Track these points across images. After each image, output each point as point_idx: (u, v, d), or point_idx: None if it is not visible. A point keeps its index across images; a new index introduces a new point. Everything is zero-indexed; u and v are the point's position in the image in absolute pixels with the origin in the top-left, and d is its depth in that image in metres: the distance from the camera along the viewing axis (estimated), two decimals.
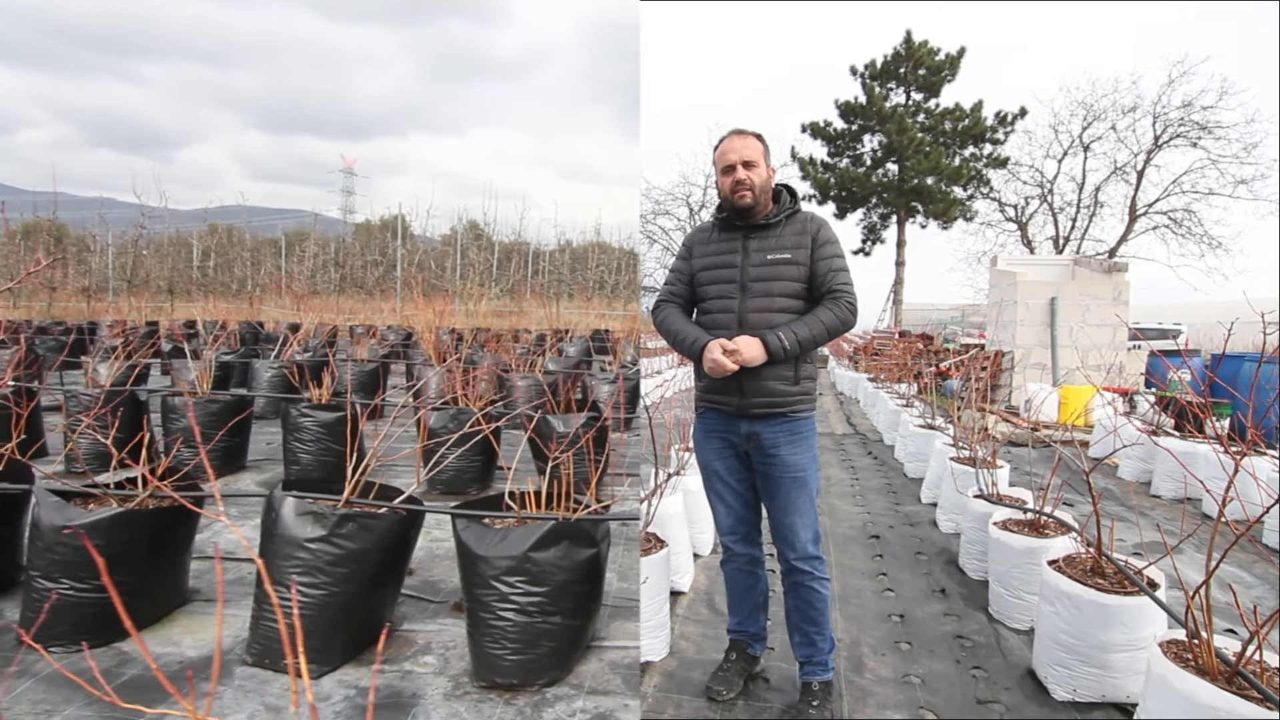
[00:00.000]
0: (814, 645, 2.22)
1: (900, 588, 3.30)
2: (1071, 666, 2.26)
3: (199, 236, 23.20)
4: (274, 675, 2.18)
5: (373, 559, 2.26)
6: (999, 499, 3.37)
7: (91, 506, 2.36)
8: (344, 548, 2.20)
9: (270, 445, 5.35)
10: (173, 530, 2.50)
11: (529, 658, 2.15)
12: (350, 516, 2.23)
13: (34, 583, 2.27)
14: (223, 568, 2.92)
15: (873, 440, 7.57)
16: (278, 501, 2.25)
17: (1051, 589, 2.31)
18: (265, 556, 2.21)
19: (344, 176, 47.74)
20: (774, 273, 2.12)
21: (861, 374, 11.67)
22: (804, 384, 2.14)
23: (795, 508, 2.14)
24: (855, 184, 27.22)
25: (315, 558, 2.18)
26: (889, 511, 4.66)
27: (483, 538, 2.19)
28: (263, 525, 2.29)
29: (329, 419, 4.12)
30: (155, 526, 2.41)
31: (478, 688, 2.19)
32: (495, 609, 2.14)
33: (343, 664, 2.25)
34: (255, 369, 6.39)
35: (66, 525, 2.20)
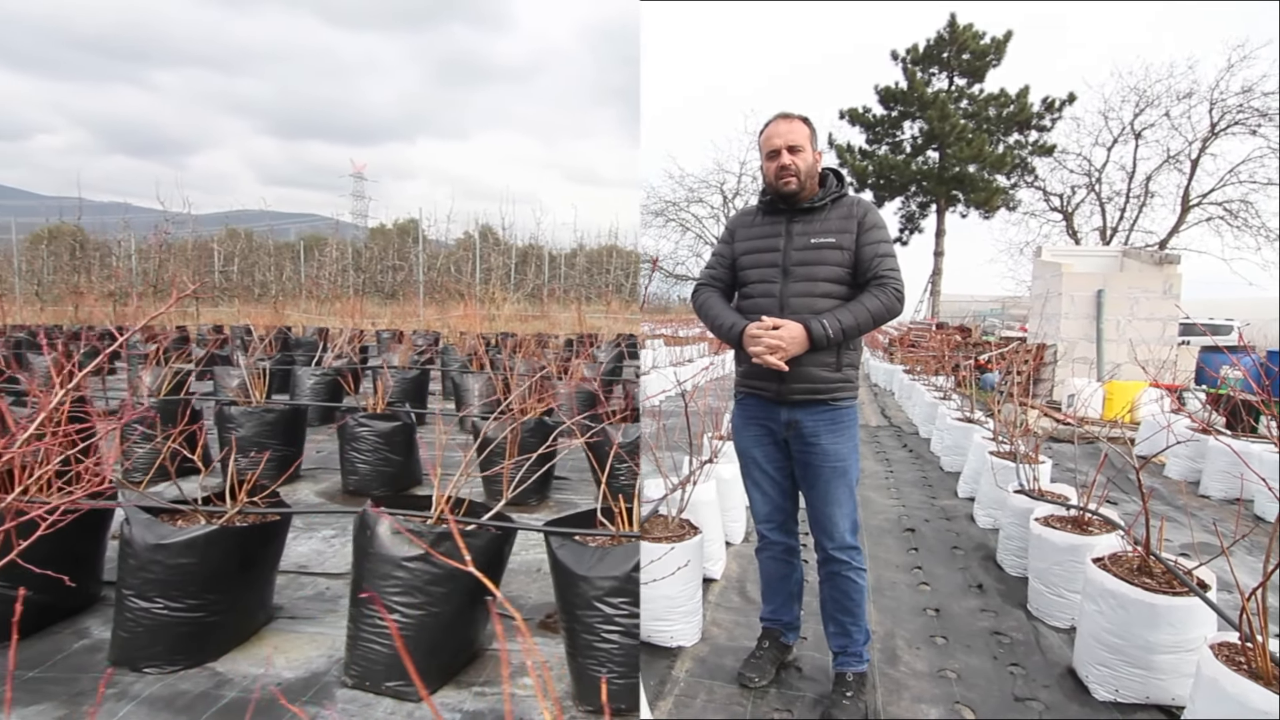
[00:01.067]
0: (849, 636, 2.20)
1: (936, 582, 3.26)
2: (1114, 666, 2.21)
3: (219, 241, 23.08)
4: (375, 698, 2.08)
5: (470, 577, 2.12)
6: (1041, 495, 3.29)
7: (180, 523, 2.29)
8: (442, 566, 2.09)
9: (320, 454, 5.17)
10: (264, 546, 2.41)
11: (635, 681, 2.03)
12: (448, 534, 2.13)
13: (127, 602, 2.17)
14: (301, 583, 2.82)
15: (908, 433, 7.46)
16: (373, 520, 2.15)
17: (1096, 587, 2.26)
18: (361, 575, 2.14)
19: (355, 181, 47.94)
20: (817, 257, 2.09)
21: (897, 365, 11.49)
22: (846, 371, 2.11)
23: (834, 497, 2.12)
24: (894, 172, 26.69)
25: (414, 577, 2.09)
26: (924, 505, 4.59)
27: (581, 557, 2.08)
28: (356, 543, 2.20)
29: (385, 428, 4.05)
30: (247, 543, 2.31)
31: (583, 712, 2.06)
32: (599, 631, 2.01)
33: (441, 687, 2.16)
34: (298, 376, 6.28)
35: (161, 542, 2.13)
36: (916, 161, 26.92)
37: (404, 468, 4.17)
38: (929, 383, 8.15)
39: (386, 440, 4.06)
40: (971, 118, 25.91)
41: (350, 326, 8.44)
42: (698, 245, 32.34)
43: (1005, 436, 4.22)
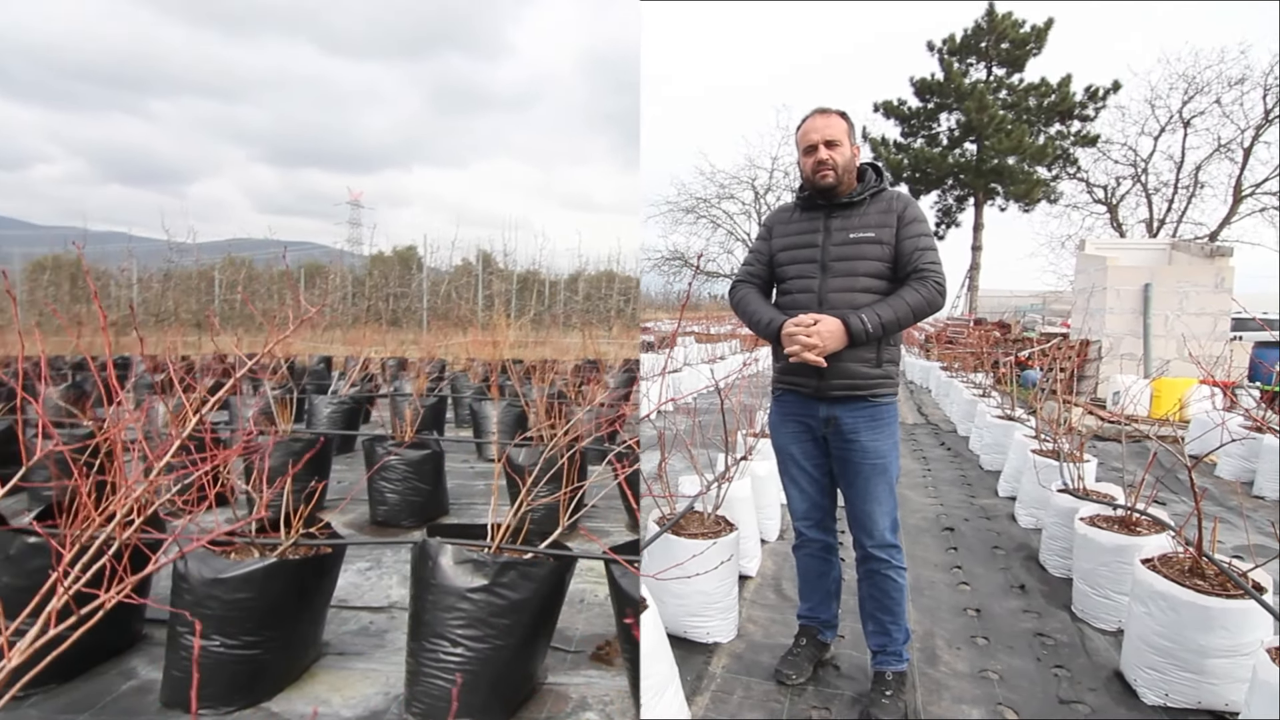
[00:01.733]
0: (888, 635, 2.18)
1: (976, 582, 3.21)
2: (1164, 670, 2.15)
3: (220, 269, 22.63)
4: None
5: (532, 608, 2.08)
6: (1086, 494, 3.22)
7: (233, 555, 2.20)
8: (506, 597, 2.03)
9: (341, 484, 4.97)
10: (319, 579, 2.32)
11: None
12: (512, 564, 2.06)
13: (182, 639, 2.07)
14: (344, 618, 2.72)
15: (945, 430, 7.34)
16: (434, 550, 2.08)
17: (1145, 589, 2.20)
18: (422, 608, 2.07)
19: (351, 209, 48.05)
20: (856, 252, 2.07)
21: (933, 362, 11.30)
22: (886, 367, 2.09)
23: (874, 495, 2.10)
24: (930, 165, 26.19)
25: (478, 609, 2.01)
26: (963, 504, 4.52)
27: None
28: (416, 575, 2.12)
29: (415, 457, 3.95)
30: (303, 576, 2.21)
31: None
32: None
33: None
34: (315, 404, 6.07)
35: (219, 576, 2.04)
36: (953, 154, 26.37)
37: (432, 497, 4.10)
38: (967, 380, 8.00)
39: (416, 469, 3.97)
40: (1011, 108, 25.29)
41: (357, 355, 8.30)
42: (729, 242, 32.18)
43: (1048, 434, 4.13)
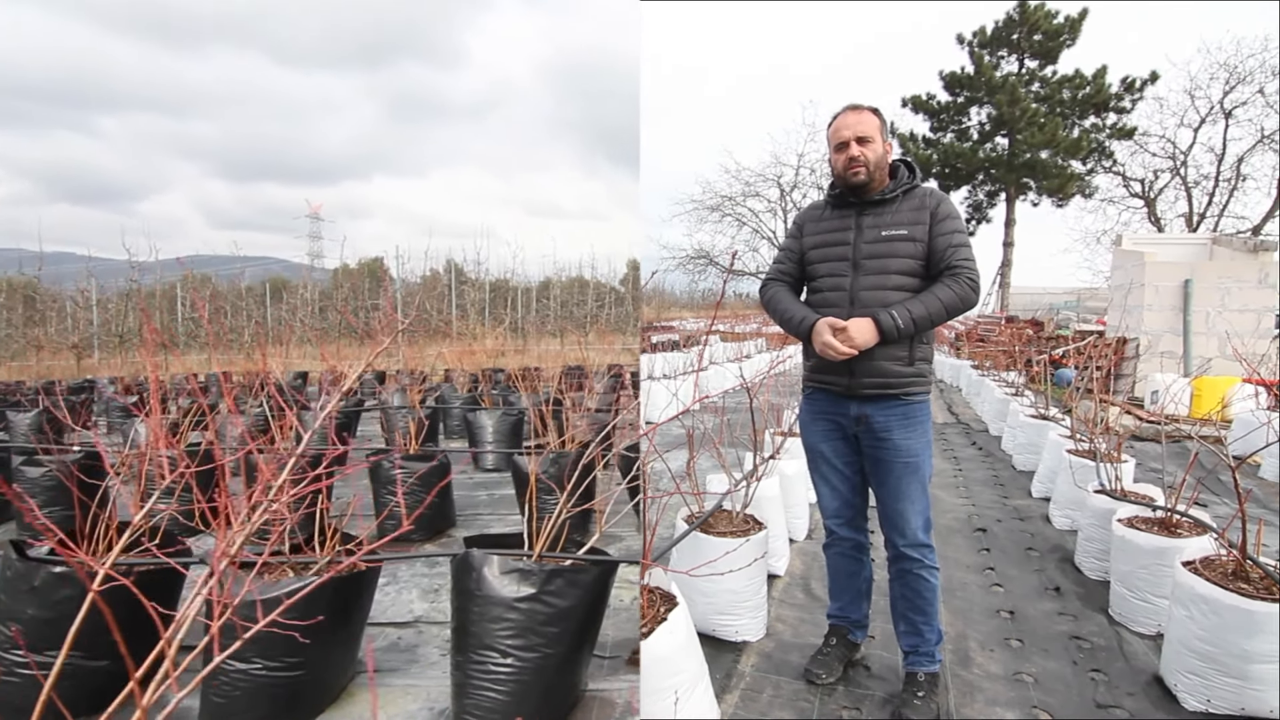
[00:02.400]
0: (920, 635, 2.17)
1: (1009, 583, 3.16)
2: (1206, 675, 2.11)
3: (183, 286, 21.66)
4: None
5: (578, 615, 2.05)
6: (1124, 495, 3.15)
7: (268, 577, 2.13)
8: (554, 605, 1.99)
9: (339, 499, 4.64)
10: (358, 596, 2.26)
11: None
12: (558, 572, 2.01)
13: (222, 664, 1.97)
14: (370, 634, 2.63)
15: (976, 430, 7.22)
16: (478, 560, 2.04)
17: (1186, 592, 2.15)
18: (467, 620, 2.04)
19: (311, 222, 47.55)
20: (889, 249, 2.05)
21: (964, 360, 11.13)
22: (919, 365, 2.08)
23: (907, 494, 2.08)
24: (960, 160, 25.75)
25: (527, 619, 1.98)
26: (996, 504, 4.45)
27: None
28: (458, 587, 2.09)
29: (423, 469, 3.89)
30: (344, 593, 2.15)
31: None
32: None
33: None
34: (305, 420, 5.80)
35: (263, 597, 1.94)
36: (984, 149, 25.90)
37: (439, 510, 4.01)
38: (999, 378, 7.87)
39: (423, 482, 3.90)
40: (1044, 101, 24.75)
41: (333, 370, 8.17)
42: (754, 240, 32.00)
43: (1084, 434, 4.05)
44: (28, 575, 2.02)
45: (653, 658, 1.76)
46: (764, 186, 31.47)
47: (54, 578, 2.03)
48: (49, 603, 2.03)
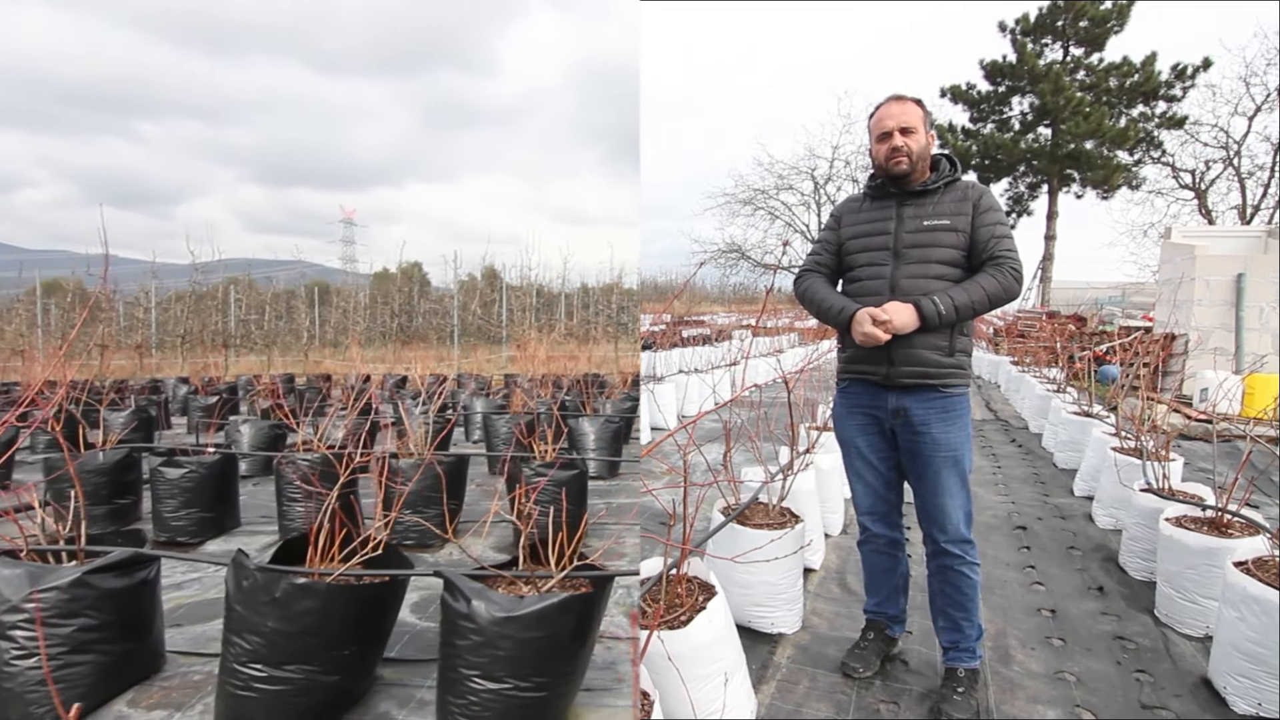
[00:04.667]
0: (960, 631, 2.15)
1: (1051, 582, 3.11)
2: (1257, 678, 2.06)
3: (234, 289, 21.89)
4: None
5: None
6: (1172, 494, 3.08)
7: (502, 590, 2.03)
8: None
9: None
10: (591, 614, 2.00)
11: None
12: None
13: (469, 683, 1.88)
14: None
15: (1016, 427, 7.09)
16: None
17: (1238, 593, 2.10)
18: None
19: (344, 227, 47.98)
20: (931, 239, 2.04)
21: (1003, 356, 10.91)
22: (959, 357, 2.06)
23: (947, 488, 2.07)
24: (1001, 151, 25.15)
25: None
26: (1036, 502, 4.37)
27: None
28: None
29: (564, 477, 3.78)
30: (585, 611, 1.95)
31: None
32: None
33: None
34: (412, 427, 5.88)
35: (511, 615, 1.85)
36: (1026, 139, 25.26)
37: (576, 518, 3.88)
38: (1040, 375, 7.71)
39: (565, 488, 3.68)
40: (1089, 89, 24.02)
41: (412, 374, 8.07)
42: (787, 233, 31.69)
43: (1130, 432, 3.95)
44: (268, 586, 1.93)
45: (693, 645, 1.79)
46: (797, 179, 31.14)
47: (296, 589, 1.94)
48: (290, 615, 1.94)
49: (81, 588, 2.06)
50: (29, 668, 2.00)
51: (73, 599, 2.04)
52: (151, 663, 2.36)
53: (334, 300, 23.78)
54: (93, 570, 2.09)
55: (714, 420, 6.68)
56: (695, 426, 2.19)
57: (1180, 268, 9.22)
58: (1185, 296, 8.94)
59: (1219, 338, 8.60)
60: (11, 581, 2.02)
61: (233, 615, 1.97)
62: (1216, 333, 8.63)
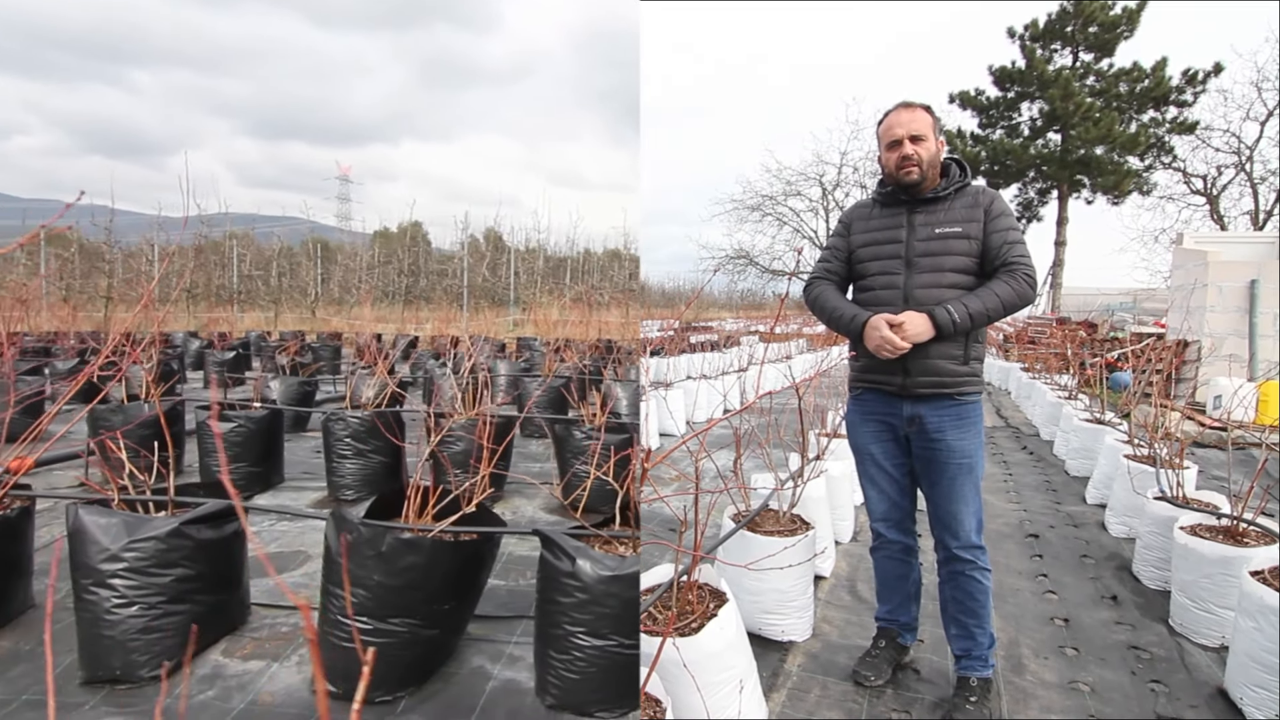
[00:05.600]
0: (973, 639, 2.14)
1: (1064, 591, 3.09)
2: (1274, 689, 2.03)
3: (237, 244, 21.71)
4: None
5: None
6: (1186, 502, 3.06)
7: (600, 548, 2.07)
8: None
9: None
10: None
11: None
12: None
13: (574, 639, 1.93)
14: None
15: (1027, 434, 7.05)
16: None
17: (1254, 602, 2.09)
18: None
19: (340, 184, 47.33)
20: (943, 247, 2.03)
21: (1013, 363, 10.85)
22: (973, 364, 2.06)
23: (960, 495, 2.06)
24: (1010, 157, 25.04)
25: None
26: (1048, 510, 4.35)
27: None
28: None
29: (615, 440, 3.73)
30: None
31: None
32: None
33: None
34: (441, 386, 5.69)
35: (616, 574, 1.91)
36: (1035, 145, 25.14)
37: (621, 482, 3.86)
38: (1051, 382, 7.66)
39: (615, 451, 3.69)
40: (1099, 95, 23.91)
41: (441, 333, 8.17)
42: (795, 239, 31.63)
43: (1143, 439, 3.93)
44: (374, 541, 1.96)
45: (704, 653, 1.78)
46: (806, 185, 31.11)
47: (401, 544, 1.97)
48: (395, 569, 1.97)
49: (178, 538, 2.11)
50: (130, 616, 2.05)
51: (170, 549, 2.10)
52: (240, 614, 2.43)
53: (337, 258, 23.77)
54: (189, 521, 2.15)
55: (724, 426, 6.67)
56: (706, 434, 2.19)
57: (1192, 274, 9.16)
58: (1198, 303, 8.87)
59: (1232, 344, 8.53)
60: (109, 530, 2.07)
61: (335, 569, 2.00)
62: (1230, 339, 8.56)
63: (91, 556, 2.06)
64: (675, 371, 8.47)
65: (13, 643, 2.30)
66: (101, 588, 2.05)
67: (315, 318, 17.99)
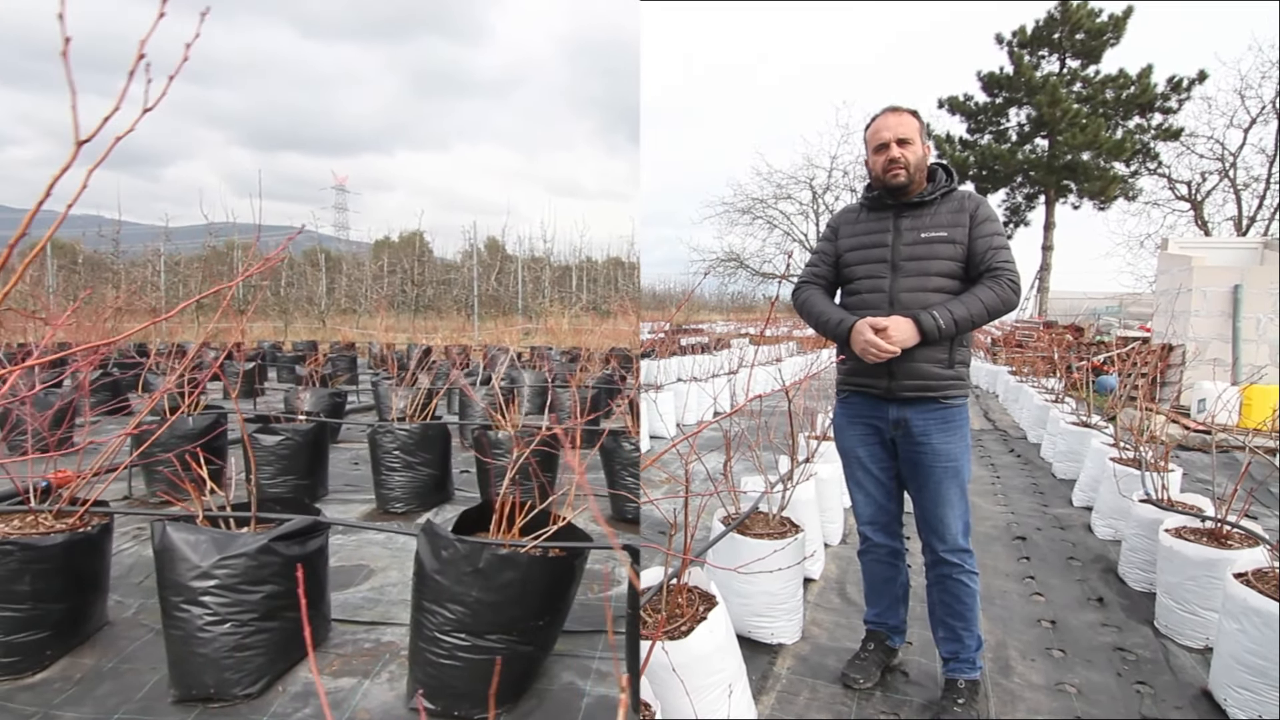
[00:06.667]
0: (960, 641, 2.15)
1: (1050, 593, 3.11)
2: (1258, 690, 2.06)
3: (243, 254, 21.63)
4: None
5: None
6: (1171, 505, 3.08)
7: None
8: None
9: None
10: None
11: None
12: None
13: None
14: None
15: (1014, 437, 7.10)
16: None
17: (1237, 604, 2.11)
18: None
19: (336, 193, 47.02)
20: (929, 251, 2.05)
21: (1001, 367, 10.93)
22: (958, 368, 2.07)
23: (946, 498, 2.07)
24: (998, 162, 25.26)
25: None
26: (1035, 512, 4.37)
27: None
28: None
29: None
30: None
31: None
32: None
33: None
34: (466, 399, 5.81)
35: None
36: (1023, 150, 25.38)
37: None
38: (1038, 385, 7.73)
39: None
40: (1086, 101, 24.17)
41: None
42: (785, 242, 31.73)
43: (1129, 442, 3.96)
44: (471, 557, 1.94)
45: (693, 656, 1.78)
46: (796, 189, 31.21)
47: (499, 560, 1.95)
48: (494, 585, 1.94)
49: (268, 554, 2.09)
50: (223, 634, 2.02)
51: (260, 565, 2.07)
52: (323, 630, 2.40)
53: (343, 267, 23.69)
54: (277, 537, 2.12)
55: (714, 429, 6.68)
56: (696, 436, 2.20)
57: (1177, 278, 9.26)
58: (1182, 307, 8.98)
59: (1216, 349, 8.63)
60: (198, 548, 2.04)
61: (430, 585, 1.97)
62: (1214, 344, 8.66)
63: (181, 574, 2.03)
64: (665, 374, 8.48)
65: (95, 660, 2.26)
66: (193, 605, 2.02)
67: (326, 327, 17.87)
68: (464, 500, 4.20)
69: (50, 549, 2.16)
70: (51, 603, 2.18)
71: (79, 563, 2.26)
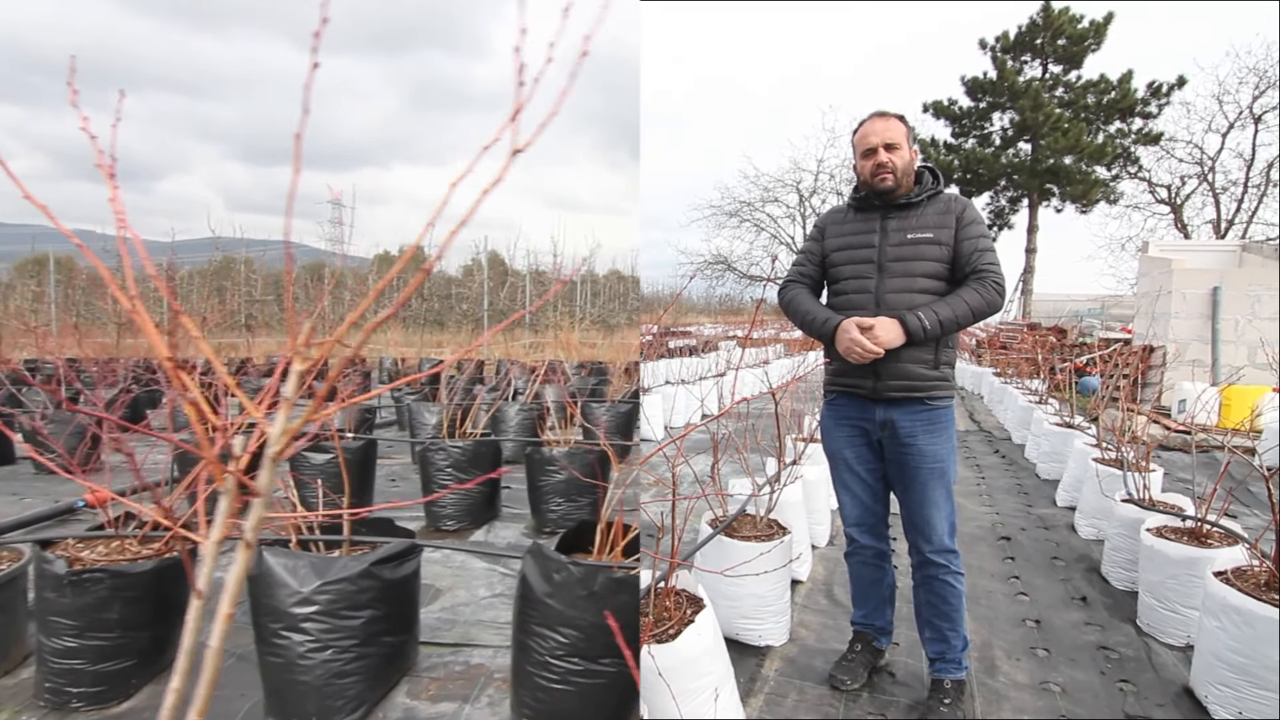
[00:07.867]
0: (946, 642, 2.16)
1: (1035, 592, 3.14)
2: (1238, 687, 2.08)
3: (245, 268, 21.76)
4: None
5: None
6: (1152, 504, 3.12)
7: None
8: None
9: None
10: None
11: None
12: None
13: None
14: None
15: (999, 438, 7.16)
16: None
17: (1218, 602, 2.13)
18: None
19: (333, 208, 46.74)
20: (915, 252, 2.06)
21: (985, 368, 11.03)
22: (943, 369, 2.08)
23: (932, 499, 2.09)
24: (982, 165, 25.54)
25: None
26: (1020, 513, 4.41)
27: None
28: None
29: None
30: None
31: None
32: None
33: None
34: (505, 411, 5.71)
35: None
36: (1007, 154, 25.67)
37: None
38: (1023, 386, 7.80)
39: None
40: (1068, 106, 24.48)
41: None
42: (772, 245, 31.89)
43: (1111, 443, 4.01)
44: (586, 580, 1.89)
45: (681, 659, 1.78)
46: (783, 192, 31.39)
47: (613, 583, 1.88)
48: (609, 609, 1.89)
49: (368, 579, 2.04)
50: (325, 660, 1.97)
51: (360, 590, 2.03)
52: (413, 654, 2.36)
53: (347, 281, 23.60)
54: (377, 561, 2.08)
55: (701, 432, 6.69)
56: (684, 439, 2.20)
57: (1157, 281, 9.39)
58: (1163, 309, 9.10)
59: (1196, 350, 8.75)
60: (297, 573, 1.99)
61: (539, 608, 1.93)
62: (1193, 345, 8.79)
63: (280, 600, 1.97)
64: (653, 376, 8.48)
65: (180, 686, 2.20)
66: (293, 631, 1.96)
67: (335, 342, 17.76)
68: (511, 517, 4.13)
69: (139, 576, 2.11)
70: (138, 630, 2.13)
71: (166, 589, 2.20)
